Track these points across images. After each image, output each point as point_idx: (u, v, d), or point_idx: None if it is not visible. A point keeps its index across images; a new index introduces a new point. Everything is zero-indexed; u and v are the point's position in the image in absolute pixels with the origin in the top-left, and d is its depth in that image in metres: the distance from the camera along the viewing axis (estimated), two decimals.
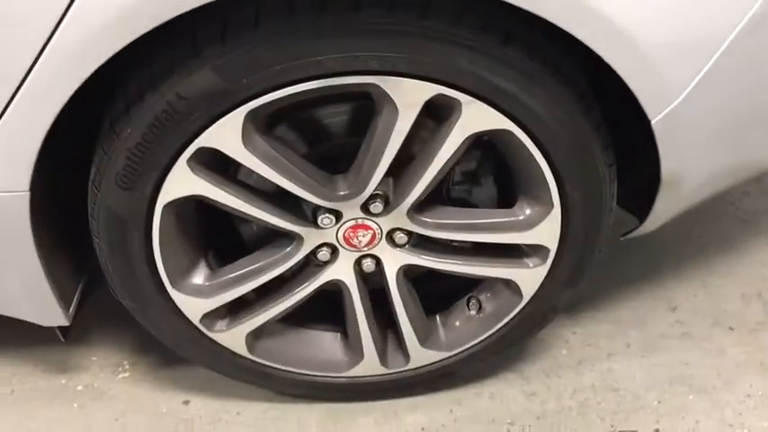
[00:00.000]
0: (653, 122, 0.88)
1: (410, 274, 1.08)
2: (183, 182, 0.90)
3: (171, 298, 1.02)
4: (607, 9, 0.78)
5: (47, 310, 1.05)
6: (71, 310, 1.09)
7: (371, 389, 1.19)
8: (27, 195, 0.89)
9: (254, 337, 1.11)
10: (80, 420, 1.18)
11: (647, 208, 1.05)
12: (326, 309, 1.14)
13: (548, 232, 1.00)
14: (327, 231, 1.00)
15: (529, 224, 0.99)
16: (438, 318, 1.16)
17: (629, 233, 1.13)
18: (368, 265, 1.05)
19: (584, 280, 1.08)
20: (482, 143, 0.99)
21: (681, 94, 0.87)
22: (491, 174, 1.04)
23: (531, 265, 1.04)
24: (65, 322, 1.07)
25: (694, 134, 0.92)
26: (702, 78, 0.86)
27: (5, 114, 0.82)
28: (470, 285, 1.14)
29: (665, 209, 1.05)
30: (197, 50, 0.81)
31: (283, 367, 1.14)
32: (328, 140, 0.99)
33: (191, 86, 0.82)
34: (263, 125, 0.90)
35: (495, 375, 1.24)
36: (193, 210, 1.00)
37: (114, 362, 1.27)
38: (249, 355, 1.11)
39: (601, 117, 0.93)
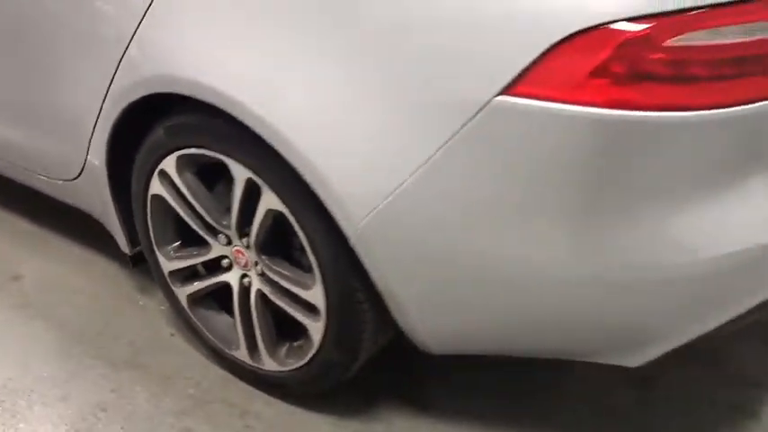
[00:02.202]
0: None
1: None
2: (155, 186, 1.63)
3: (156, 253, 1.75)
4: None
5: (121, 241, 1.87)
6: (136, 249, 1.89)
7: (249, 375, 1.73)
8: (105, 169, 1.72)
9: (192, 301, 1.76)
10: (121, 320, 1.98)
11: None
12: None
13: (317, 298, 1.45)
14: (225, 247, 1.61)
15: (307, 285, 1.46)
16: (288, 341, 1.65)
17: None
18: (247, 280, 1.62)
19: (355, 356, 1.48)
20: None
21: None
22: None
23: (311, 320, 1.49)
24: (127, 251, 1.88)
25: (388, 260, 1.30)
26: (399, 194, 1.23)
27: (98, 120, 1.66)
28: None
29: (423, 335, 1.40)
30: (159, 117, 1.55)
31: (206, 332, 1.76)
32: None
33: (156, 135, 1.56)
34: (194, 166, 1.57)
35: None
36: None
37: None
38: (190, 313, 1.77)
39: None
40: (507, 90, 1.09)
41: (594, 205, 1.16)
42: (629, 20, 1.03)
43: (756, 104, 1.12)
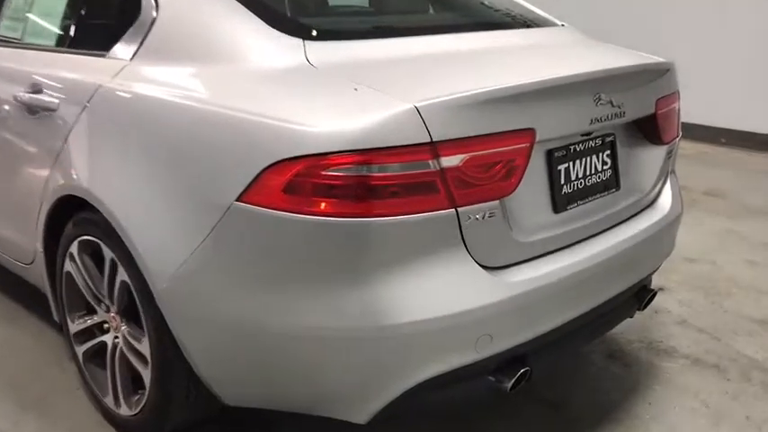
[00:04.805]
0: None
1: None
2: (67, 265, 2.23)
3: (66, 318, 2.32)
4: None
5: (53, 311, 2.46)
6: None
7: (111, 418, 2.21)
8: (42, 253, 2.35)
9: (86, 357, 2.29)
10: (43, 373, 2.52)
11: None
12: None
13: (146, 349, 1.96)
14: (105, 314, 2.17)
15: (141, 339, 1.98)
16: (139, 392, 2.13)
17: None
18: (117, 340, 2.15)
19: (170, 398, 1.95)
20: None
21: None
22: None
23: (145, 369, 1.99)
24: (56, 319, 2.46)
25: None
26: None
27: (39, 216, 2.31)
28: None
29: (212, 385, 1.88)
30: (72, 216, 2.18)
31: (91, 381, 2.28)
32: None
33: (69, 227, 2.18)
34: (89, 249, 2.16)
35: None
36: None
37: None
38: (83, 367, 2.30)
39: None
40: (240, 198, 1.65)
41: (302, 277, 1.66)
42: (308, 156, 1.58)
43: (418, 215, 1.62)
